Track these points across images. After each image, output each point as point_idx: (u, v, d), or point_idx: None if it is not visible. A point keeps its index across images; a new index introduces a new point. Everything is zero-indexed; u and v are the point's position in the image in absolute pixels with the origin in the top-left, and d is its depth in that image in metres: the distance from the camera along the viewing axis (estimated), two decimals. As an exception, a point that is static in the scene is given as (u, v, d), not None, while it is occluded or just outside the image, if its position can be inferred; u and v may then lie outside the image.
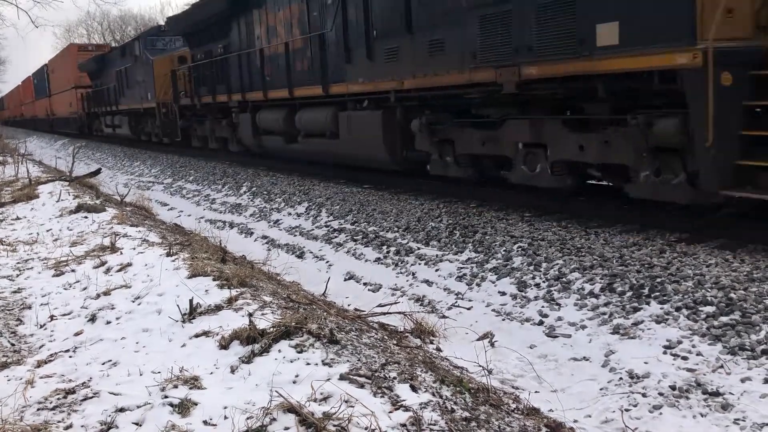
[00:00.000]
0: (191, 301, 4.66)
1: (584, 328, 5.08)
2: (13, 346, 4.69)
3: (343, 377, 3.44)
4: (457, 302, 6.03)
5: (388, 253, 7.69)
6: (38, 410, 3.49)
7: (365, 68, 10.09)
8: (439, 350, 4.94)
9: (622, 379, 4.28)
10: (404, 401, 3.24)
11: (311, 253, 8.44)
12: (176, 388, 3.52)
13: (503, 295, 5.99)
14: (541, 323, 5.35)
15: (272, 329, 4.02)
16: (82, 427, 3.27)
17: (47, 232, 8.73)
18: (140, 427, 3.21)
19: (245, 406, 3.24)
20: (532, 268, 6.26)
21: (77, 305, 5.42)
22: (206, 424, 3.16)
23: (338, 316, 5.04)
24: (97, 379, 3.84)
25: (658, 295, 5.16)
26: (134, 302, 5.23)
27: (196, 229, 9.84)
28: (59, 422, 3.34)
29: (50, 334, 4.89)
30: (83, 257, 6.94)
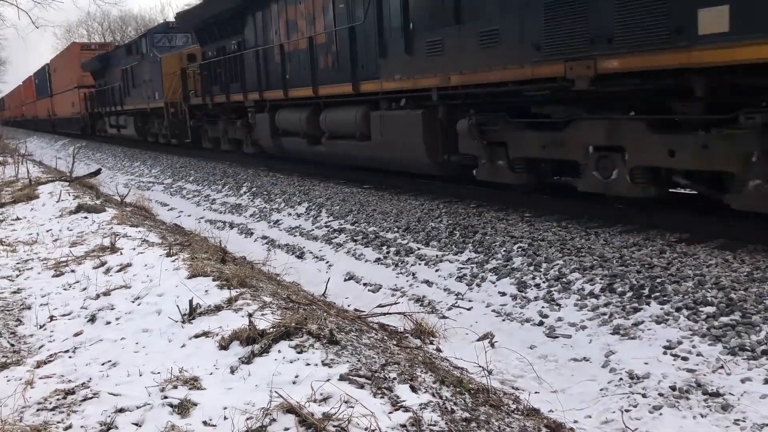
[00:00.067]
0: (191, 301, 4.66)
1: (584, 328, 5.08)
2: (12, 346, 4.69)
3: (343, 378, 3.44)
4: (457, 303, 6.03)
5: (388, 253, 7.69)
6: (38, 411, 3.49)
7: (403, 63, 9.25)
8: (439, 351, 4.94)
9: (622, 379, 4.28)
10: (404, 402, 3.24)
11: (311, 253, 8.44)
12: (176, 388, 3.52)
13: (503, 295, 5.99)
14: (541, 324, 5.35)
15: (272, 330, 4.02)
16: (81, 427, 3.27)
17: (47, 232, 8.73)
18: (140, 427, 3.21)
19: (245, 406, 3.24)
20: (532, 268, 6.25)
21: (77, 306, 5.42)
22: (206, 424, 3.16)
23: (338, 316, 5.04)
24: (96, 379, 3.84)
25: (658, 295, 5.16)
26: (134, 303, 5.23)
27: (196, 229, 9.85)
28: (59, 423, 3.34)
29: (50, 334, 4.89)
30: (83, 257, 6.93)
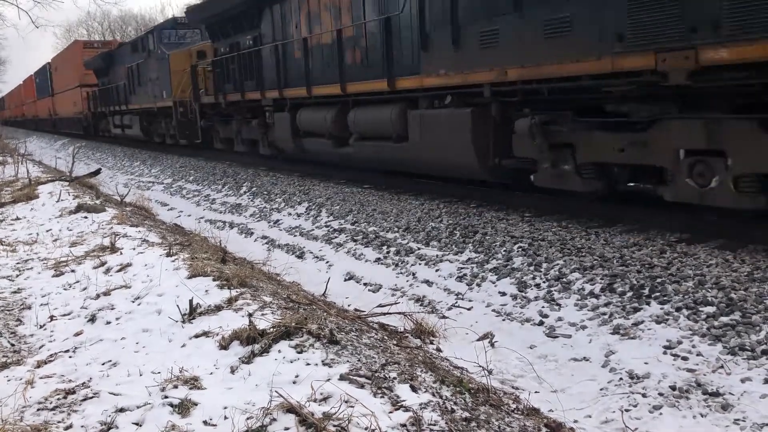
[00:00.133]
0: (191, 301, 4.66)
1: (584, 328, 5.08)
2: (12, 346, 4.69)
3: (343, 377, 3.44)
4: (457, 302, 6.03)
5: (388, 253, 7.69)
6: (38, 410, 3.49)
7: (449, 57, 8.40)
8: (439, 350, 4.94)
9: (622, 379, 4.28)
10: (404, 401, 3.24)
11: (311, 253, 8.44)
12: (176, 388, 3.52)
13: (503, 295, 5.99)
14: (541, 323, 5.35)
15: (272, 329, 4.02)
16: (82, 427, 3.28)
17: (47, 232, 8.73)
18: (140, 427, 3.21)
19: (245, 406, 3.24)
20: (532, 268, 6.25)
21: (77, 305, 5.42)
22: (206, 424, 3.17)
23: (338, 316, 5.04)
24: (97, 379, 3.84)
25: (658, 295, 5.16)
26: (134, 302, 5.23)
27: (196, 229, 9.86)
28: (59, 422, 3.35)
29: (50, 334, 4.89)
30: (83, 257, 6.94)
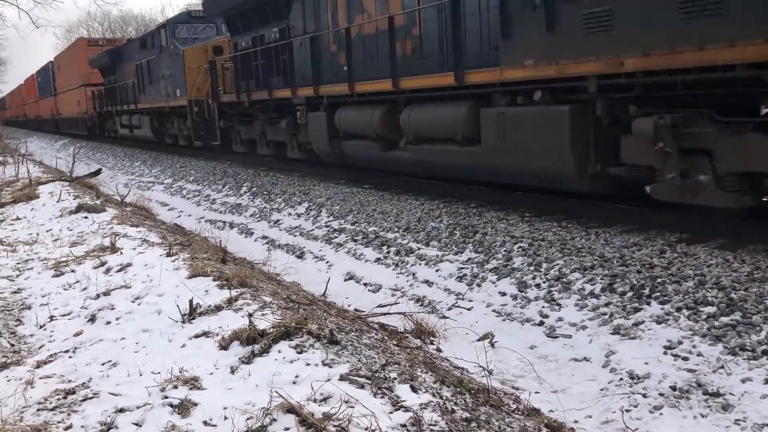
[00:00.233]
0: (191, 301, 4.66)
1: (585, 328, 5.08)
2: (12, 346, 4.69)
3: (343, 378, 3.44)
4: (457, 303, 6.03)
5: (388, 253, 7.68)
6: (38, 411, 3.49)
7: (540, 44, 7.11)
8: (439, 351, 4.94)
9: (622, 379, 4.28)
10: (404, 402, 3.23)
11: (311, 253, 8.44)
12: (176, 388, 3.52)
13: (503, 295, 5.99)
14: (541, 324, 5.34)
15: (272, 330, 4.01)
16: (82, 427, 3.27)
17: (47, 232, 8.73)
18: (140, 427, 3.21)
19: (245, 406, 3.24)
20: (532, 268, 6.25)
21: (77, 305, 5.42)
22: (206, 424, 3.16)
23: (338, 316, 5.04)
24: (96, 379, 3.84)
25: (658, 295, 5.16)
26: (134, 302, 5.23)
27: (196, 229, 9.86)
28: (59, 423, 3.34)
29: (50, 334, 4.89)
30: (83, 257, 6.93)
